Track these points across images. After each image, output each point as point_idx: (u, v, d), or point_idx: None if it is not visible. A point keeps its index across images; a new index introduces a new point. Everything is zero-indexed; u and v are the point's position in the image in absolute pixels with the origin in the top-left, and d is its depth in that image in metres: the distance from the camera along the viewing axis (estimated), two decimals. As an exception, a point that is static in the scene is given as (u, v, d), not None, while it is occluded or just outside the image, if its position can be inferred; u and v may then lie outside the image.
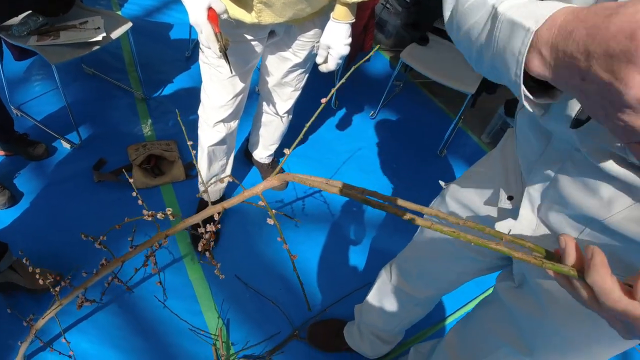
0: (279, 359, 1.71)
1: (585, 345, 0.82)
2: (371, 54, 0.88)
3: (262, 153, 2.19)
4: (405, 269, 1.26)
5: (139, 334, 1.71)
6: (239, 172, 2.27)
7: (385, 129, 2.74)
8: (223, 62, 1.45)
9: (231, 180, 1.94)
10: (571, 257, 0.51)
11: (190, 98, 2.55)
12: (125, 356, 1.65)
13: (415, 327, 1.61)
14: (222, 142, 1.77)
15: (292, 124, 2.03)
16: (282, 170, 2.30)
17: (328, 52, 1.43)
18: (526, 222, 0.77)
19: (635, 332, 0.45)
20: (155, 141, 2.26)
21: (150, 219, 0.94)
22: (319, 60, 1.48)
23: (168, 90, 2.60)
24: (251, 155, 2.26)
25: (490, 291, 2.11)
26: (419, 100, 3.03)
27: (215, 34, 1.19)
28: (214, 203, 2.02)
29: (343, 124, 2.69)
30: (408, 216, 0.61)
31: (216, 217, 0.88)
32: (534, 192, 0.75)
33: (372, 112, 2.77)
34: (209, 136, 1.73)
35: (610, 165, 0.56)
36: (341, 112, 2.74)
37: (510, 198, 0.83)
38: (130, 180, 1.04)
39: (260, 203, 0.75)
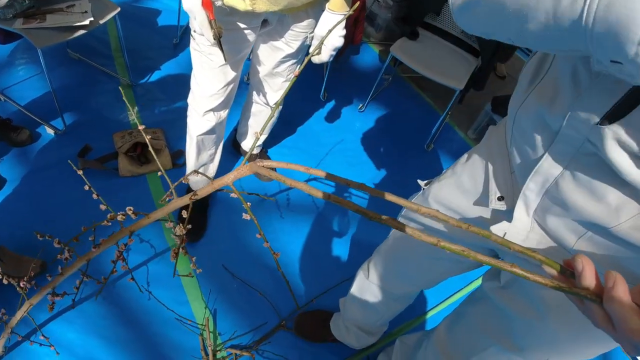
0: (266, 349, 1.72)
1: (574, 343, 0.83)
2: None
3: (251, 144, 2.18)
4: (383, 267, 1.26)
5: (125, 324, 1.69)
6: (226, 163, 2.25)
7: (373, 122, 2.75)
8: (215, 49, 1.43)
9: (211, 174, 1.94)
10: (589, 281, 0.48)
11: (178, 86, 2.52)
12: (110, 346, 1.63)
13: (399, 318, 1.62)
14: (211, 131, 1.75)
15: (280, 115, 2.02)
16: (256, 159, 2.30)
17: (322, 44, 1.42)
18: (520, 225, 0.75)
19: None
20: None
21: (109, 224, 0.92)
22: (312, 51, 1.47)
23: (155, 77, 2.56)
24: (239, 146, 2.25)
25: (476, 283, 2.15)
26: (407, 95, 3.04)
27: (210, 21, 1.18)
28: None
29: (331, 116, 2.69)
30: (410, 231, 0.57)
31: (185, 215, 0.87)
32: (530, 193, 0.71)
33: (361, 105, 2.77)
34: (198, 125, 1.71)
35: (629, 168, 0.53)
36: (330, 105, 2.74)
37: (500, 199, 0.80)
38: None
39: (233, 195, 0.73)
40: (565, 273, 0.51)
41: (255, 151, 2.22)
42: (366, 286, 1.37)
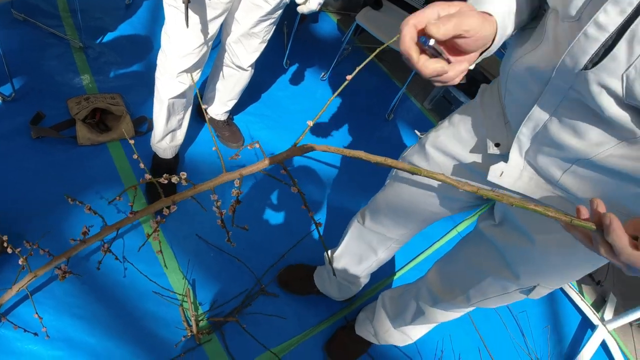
0: (249, 313, 1.70)
1: (564, 265, 0.92)
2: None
3: (219, 109, 2.10)
4: (379, 211, 1.30)
5: (100, 300, 1.60)
6: (190, 130, 2.15)
7: (335, 91, 2.73)
8: (193, 6, 1.36)
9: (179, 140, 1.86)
10: (617, 234, 0.56)
11: (134, 49, 2.37)
12: (86, 324, 1.54)
13: (374, 277, 1.67)
14: (182, 94, 1.67)
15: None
16: (237, 128, 2.23)
17: None
18: (515, 164, 0.85)
19: (637, 272, 0.58)
20: (99, 94, 2.08)
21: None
22: (299, 0, 1.44)
23: (108, 39, 2.38)
24: (204, 112, 2.15)
25: (445, 239, 2.25)
26: (366, 65, 3.04)
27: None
28: (167, 160, 1.92)
29: (295, 84, 2.65)
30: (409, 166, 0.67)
31: (166, 212, 0.88)
32: (523, 137, 0.82)
33: (323, 73, 2.75)
34: (170, 87, 1.62)
35: (609, 105, 0.63)
36: (292, 71, 2.69)
37: (497, 145, 0.90)
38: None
39: (282, 172, 0.76)
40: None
41: (223, 117, 2.14)
42: (360, 234, 1.40)
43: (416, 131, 1.21)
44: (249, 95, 2.38)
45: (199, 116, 2.23)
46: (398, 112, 2.81)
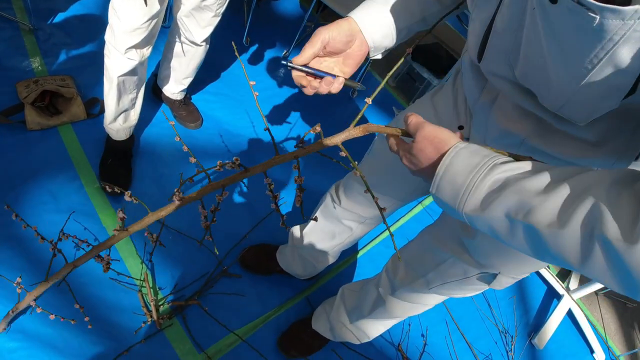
0: (211, 297, 1.66)
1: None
2: None
3: (174, 88, 2.02)
4: (355, 189, 1.26)
5: (52, 289, 1.52)
6: (146, 111, 2.07)
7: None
8: None
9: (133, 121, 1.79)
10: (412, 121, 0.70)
11: (85, 29, 2.26)
12: (41, 314, 1.46)
13: (342, 253, 1.65)
14: (133, 72, 1.59)
15: (205, 57, 1.89)
16: (194, 108, 2.16)
17: None
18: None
19: (409, 167, 0.69)
20: (49, 76, 1.98)
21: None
22: None
23: (59, 19, 2.25)
24: (160, 92, 2.08)
25: (411, 214, 2.26)
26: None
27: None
28: (122, 142, 1.85)
29: (255, 62, 2.58)
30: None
31: (219, 199, 0.88)
32: (477, 121, 0.88)
33: (285, 51, 2.68)
34: (118, 64, 1.55)
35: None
36: (253, 50, 2.62)
37: (460, 127, 0.94)
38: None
39: (342, 154, 0.74)
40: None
41: (180, 96, 2.07)
42: (333, 211, 1.37)
43: (393, 108, 1.21)
44: (208, 74, 2.30)
45: (154, 96, 2.14)
46: (361, 90, 2.77)
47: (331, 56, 0.85)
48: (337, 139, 0.75)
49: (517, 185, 0.56)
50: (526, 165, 0.58)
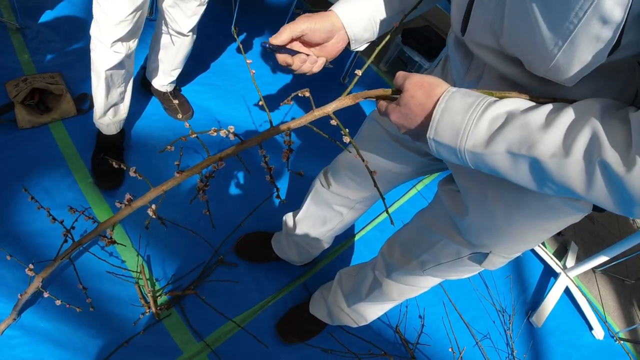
0: (208, 286, 1.66)
1: (513, 227, 0.89)
2: None
3: (163, 80, 2.01)
4: (343, 173, 1.27)
5: (54, 286, 1.54)
6: (136, 104, 2.07)
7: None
8: None
9: (122, 114, 1.78)
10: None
11: (73, 26, 2.25)
12: (40, 309, 1.49)
13: (338, 238, 1.65)
14: (120, 65, 1.59)
15: (191, 50, 1.89)
16: (185, 99, 2.16)
17: None
18: None
19: (400, 122, 0.71)
20: (37, 74, 1.97)
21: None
22: None
23: (46, 18, 2.24)
24: (149, 84, 2.08)
25: (405, 199, 2.26)
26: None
27: None
28: (112, 137, 1.85)
29: (244, 51, 2.57)
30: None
31: (215, 168, 0.87)
32: None
33: (273, 39, 2.67)
34: (105, 58, 1.54)
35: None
36: (241, 39, 2.61)
37: None
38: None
39: (332, 122, 0.76)
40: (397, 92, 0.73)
41: (169, 88, 2.06)
42: (323, 196, 1.37)
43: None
44: (197, 65, 2.30)
45: (143, 89, 2.14)
46: (353, 75, 2.76)
47: (307, 46, 0.88)
48: (328, 109, 0.76)
49: (517, 120, 0.59)
50: (520, 102, 0.62)
